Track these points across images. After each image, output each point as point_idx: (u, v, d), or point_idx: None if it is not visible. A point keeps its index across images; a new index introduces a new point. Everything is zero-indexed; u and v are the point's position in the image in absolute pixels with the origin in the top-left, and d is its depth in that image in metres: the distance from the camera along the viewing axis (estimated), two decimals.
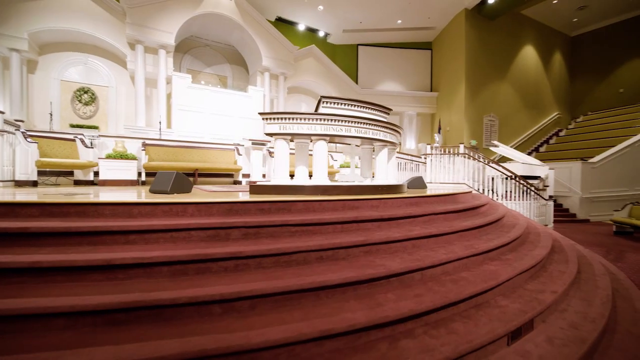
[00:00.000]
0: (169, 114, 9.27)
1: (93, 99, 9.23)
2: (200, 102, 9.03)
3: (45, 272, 1.63)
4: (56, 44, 8.65)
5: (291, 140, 3.14)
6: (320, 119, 2.88)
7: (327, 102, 3.05)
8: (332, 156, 7.54)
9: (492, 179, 6.34)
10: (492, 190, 6.11)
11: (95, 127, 9.25)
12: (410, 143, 12.93)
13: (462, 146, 6.23)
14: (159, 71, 8.97)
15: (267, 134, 2.94)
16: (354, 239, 2.12)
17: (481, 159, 6.19)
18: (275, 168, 2.99)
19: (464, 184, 6.12)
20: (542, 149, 12.42)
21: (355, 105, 3.15)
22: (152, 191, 2.86)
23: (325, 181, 3.03)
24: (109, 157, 4.88)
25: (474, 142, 10.64)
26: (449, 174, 6.39)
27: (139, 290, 1.56)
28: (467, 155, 6.21)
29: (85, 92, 9.11)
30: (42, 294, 1.51)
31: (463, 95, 10.85)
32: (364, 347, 1.47)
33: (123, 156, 4.91)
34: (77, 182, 4.94)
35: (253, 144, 5.87)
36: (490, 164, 6.13)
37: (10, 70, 7.73)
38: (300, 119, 2.87)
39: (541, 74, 13.17)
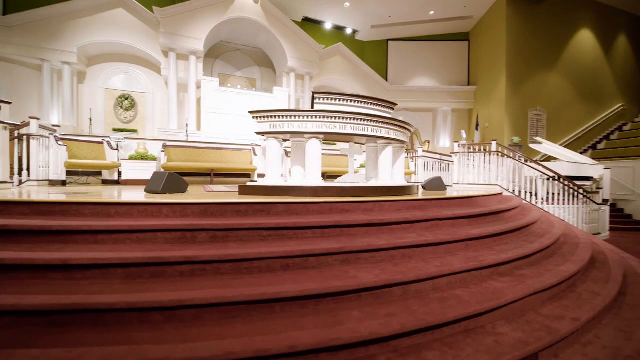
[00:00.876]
0: (198, 116, 9.67)
1: (132, 104, 9.96)
2: (227, 105, 9.30)
3: (9, 270, 1.66)
4: (101, 56, 9.47)
5: (284, 140, 3.00)
6: (312, 116, 2.70)
7: (320, 98, 2.86)
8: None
9: (533, 180, 5.64)
10: (531, 193, 5.42)
11: (134, 131, 9.98)
12: (444, 141, 12.13)
13: (494, 143, 5.61)
14: (190, 76, 9.41)
15: (258, 133, 2.84)
16: (328, 245, 1.91)
17: (517, 158, 5.52)
18: (266, 168, 2.88)
19: (496, 185, 5.51)
20: (600, 146, 10.89)
21: (352, 101, 2.92)
22: (147, 191, 2.90)
23: (318, 182, 2.84)
24: (131, 158, 5.16)
25: (516, 139, 9.65)
26: (479, 174, 5.80)
27: (89, 292, 1.53)
28: (500, 154, 5.59)
29: (126, 99, 9.86)
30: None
31: (504, 87, 9.88)
32: None
33: (144, 157, 5.16)
34: (105, 182, 5.30)
35: None
36: (528, 163, 5.45)
37: (63, 81, 8.61)
38: (291, 116, 2.72)
39: (601, 60, 11.56)
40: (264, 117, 2.79)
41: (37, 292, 1.51)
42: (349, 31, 12.20)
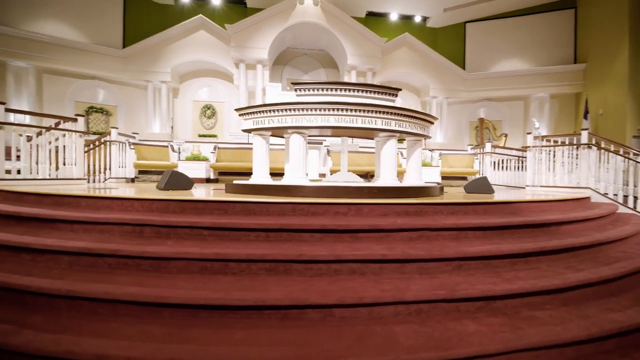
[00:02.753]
0: None
1: (213, 113, 11.35)
2: None
3: None
4: (190, 73, 11.09)
5: (273, 136, 2.86)
6: (290, 109, 2.49)
7: (301, 89, 2.61)
8: (402, 153, 6.61)
9: None
10: None
11: (214, 136, 11.34)
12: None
13: (585, 133, 4.23)
14: (257, 83, 10.18)
15: (244, 130, 2.78)
16: (251, 251, 1.70)
17: (621, 152, 4.04)
18: (253, 166, 2.81)
19: (587, 188, 4.15)
20: None
21: (336, 89, 2.56)
22: (157, 188, 3.19)
23: (302, 181, 2.60)
24: (187, 159, 5.84)
25: None
26: (563, 173, 4.46)
27: (29, 273, 1.70)
28: (598, 147, 4.19)
29: (208, 109, 11.30)
30: None
31: (626, 60, 7.43)
32: None
33: (196, 158, 5.78)
34: None
35: (309, 143, 5.78)
36: (637, 158, 3.93)
37: (161, 97, 10.42)
38: (270, 111, 2.57)
39: None
40: (247, 113, 2.72)
41: None
42: (417, 19, 11.20)
